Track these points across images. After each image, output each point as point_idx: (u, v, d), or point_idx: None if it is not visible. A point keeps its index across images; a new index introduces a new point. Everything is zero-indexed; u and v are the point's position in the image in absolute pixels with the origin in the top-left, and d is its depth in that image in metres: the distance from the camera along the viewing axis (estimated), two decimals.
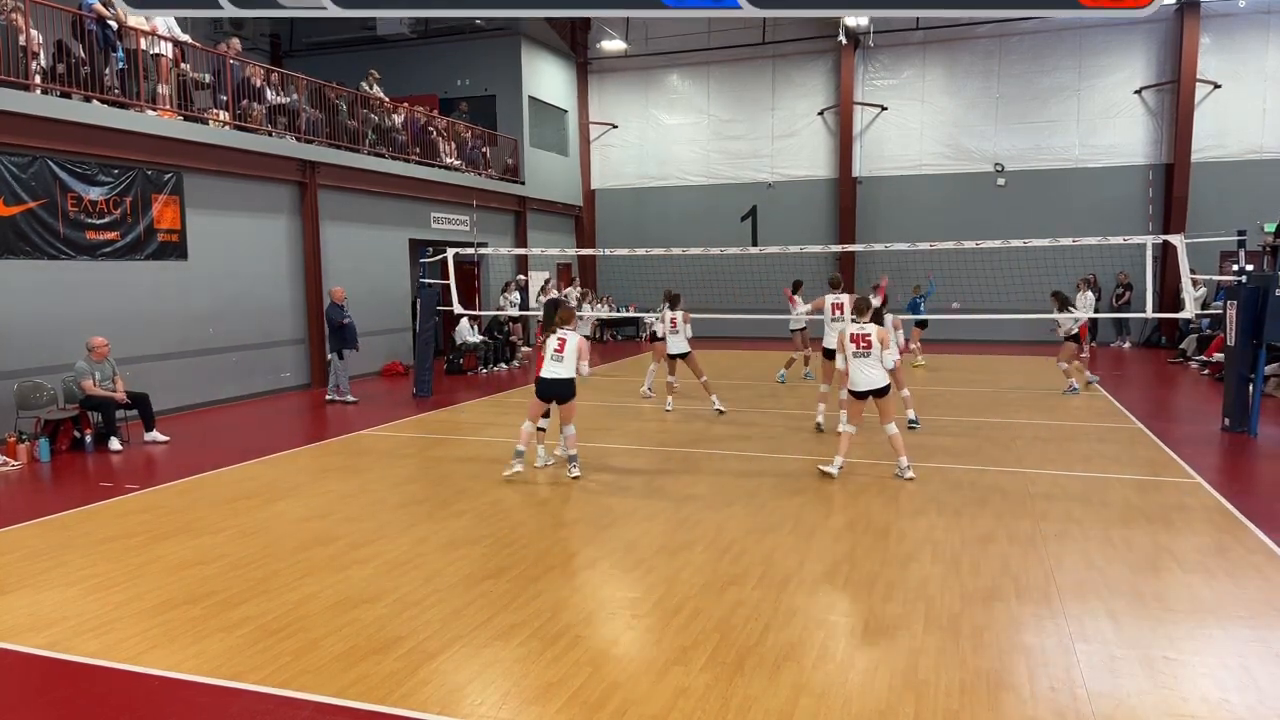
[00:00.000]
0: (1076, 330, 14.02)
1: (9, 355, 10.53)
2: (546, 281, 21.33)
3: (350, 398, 13.85)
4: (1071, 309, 14.23)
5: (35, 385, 10.49)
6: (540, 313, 19.82)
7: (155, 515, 7.55)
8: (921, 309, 16.98)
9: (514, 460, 8.55)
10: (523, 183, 22.80)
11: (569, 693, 4.24)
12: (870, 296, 9.83)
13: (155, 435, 10.75)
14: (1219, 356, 14.61)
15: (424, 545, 6.63)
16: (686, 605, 5.33)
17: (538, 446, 9.10)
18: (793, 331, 15.52)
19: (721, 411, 12.14)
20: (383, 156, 17.40)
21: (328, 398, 13.97)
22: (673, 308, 12.61)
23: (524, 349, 19.55)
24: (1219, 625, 4.96)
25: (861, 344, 8.52)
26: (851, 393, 8.69)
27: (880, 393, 8.47)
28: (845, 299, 10.60)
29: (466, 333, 17.99)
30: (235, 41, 14.69)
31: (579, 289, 23.34)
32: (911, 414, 11.07)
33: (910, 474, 8.39)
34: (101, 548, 6.63)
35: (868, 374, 8.46)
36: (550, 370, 8.38)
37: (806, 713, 4.03)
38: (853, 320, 8.73)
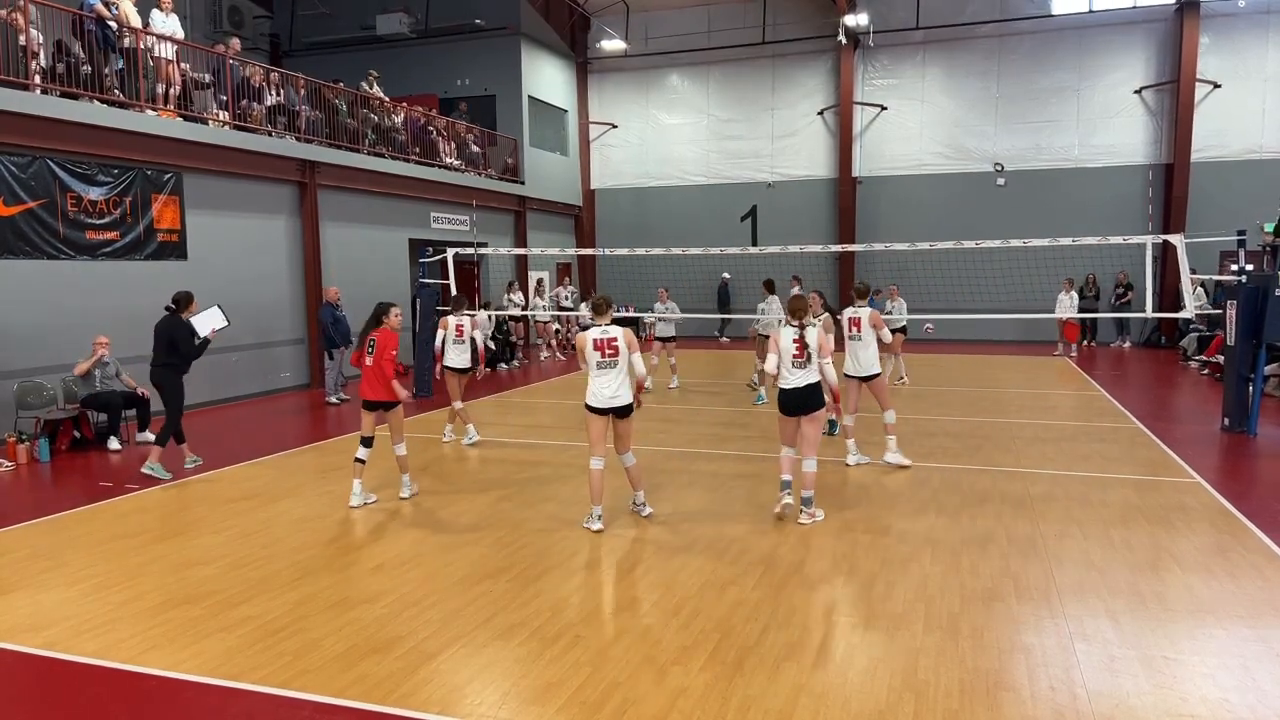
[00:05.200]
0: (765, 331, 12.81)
1: (9, 355, 10.52)
2: (540, 282, 21.35)
3: (331, 398, 13.86)
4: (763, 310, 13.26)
5: (35, 385, 10.50)
6: (538, 313, 20.01)
7: (155, 515, 7.55)
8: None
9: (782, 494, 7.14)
10: (522, 182, 22.79)
11: (569, 693, 4.24)
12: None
13: (148, 436, 10.76)
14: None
15: (423, 545, 6.63)
16: (686, 605, 5.34)
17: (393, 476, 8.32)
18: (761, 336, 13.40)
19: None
20: (383, 156, 17.40)
21: (326, 399, 14.02)
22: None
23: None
24: (1219, 625, 4.96)
25: (608, 351, 6.81)
26: (587, 408, 6.93)
27: (622, 412, 6.90)
28: (865, 314, 9.03)
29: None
30: (235, 41, 14.70)
31: (571, 288, 23.34)
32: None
33: (648, 511, 7.17)
34: (101, 548, 6.63)
35: (610, 388, 6.81)
36: None
37: (806, 713, 4.03)
38: (594, 323, 7.01)
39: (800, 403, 6.97)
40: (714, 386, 15.25)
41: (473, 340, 10.69)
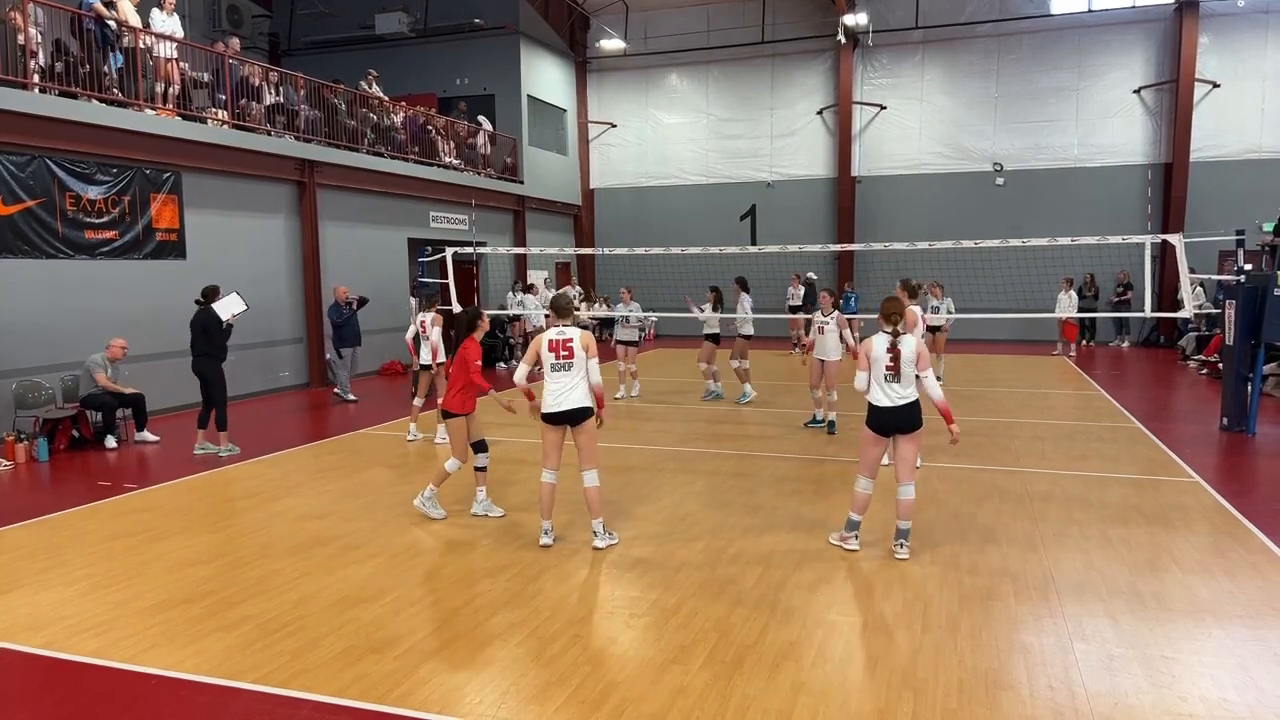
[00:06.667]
0: (717, 330, 13.06)
1: (8, 354, 10.52)
2: (545, 281, 21.35)
3: (349, 396, 13.90)
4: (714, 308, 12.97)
5: (34, 385, 10.50)
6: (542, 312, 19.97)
7: (154, 515, 7.55)
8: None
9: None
10: (522, 182, 22.79)
11: (568, 692, 4.24)
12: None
13: (146, 435, 10.76)
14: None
15: (422, 544, 6.63)
16: (685, 604, 5.34)
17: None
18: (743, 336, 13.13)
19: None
20: (381, 156, 17.39)
21: (335, 392, 14.06)
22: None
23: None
24: (1217, 625, 4.97)
25: (562, 352, 6.32)
26: (545, 418, 6.44)
27: (577, 418, 6.35)
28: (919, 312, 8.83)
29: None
30: (235, 41, 14.68)
31: (576, 288, 23.36)
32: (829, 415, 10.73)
33: (603, 542, 6.47)
34: (100, 547, 6.62)
35: (567, 392, 6.31)
36: None
37: (805, 712, 4.03)
38: (555, 326, 6.50)
39: (899, 421, 6.08)
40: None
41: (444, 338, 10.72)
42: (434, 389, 10.56)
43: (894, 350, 6.03)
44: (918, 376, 6.13)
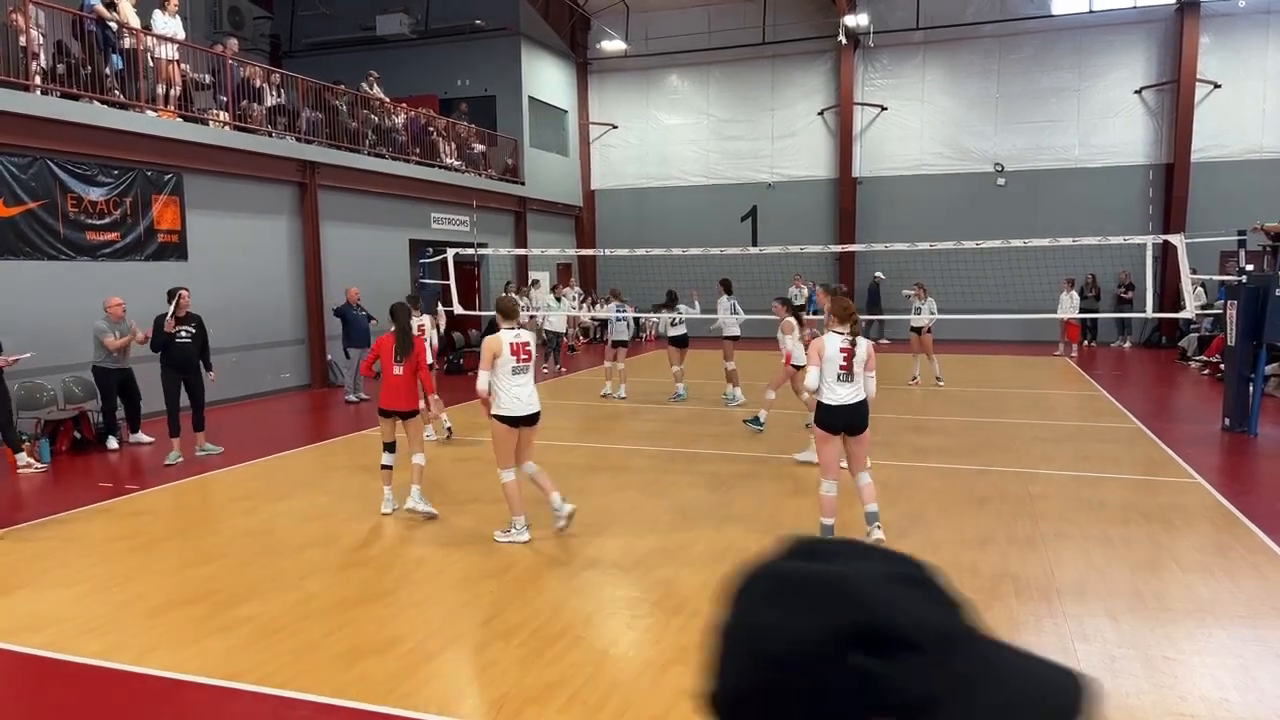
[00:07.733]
0: (681, 332, 13.27)
1: (9, 356, 10.51)
2: (534, 282, 21.37)
3: (350, 397, 13.93)
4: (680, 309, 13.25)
5: (36, 386, 10.50)
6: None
7: (155, 516, 7.56)
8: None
9: None
10: (522, 183, 22.80)
11: (569, 693, 4.24)
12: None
13: (140, 436, 10.76)
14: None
15: (424, 545, 6.64)
16: (686, 605, 5.33)
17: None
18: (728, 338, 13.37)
19: None
20: (383, 157, 17.40)
21: (347, 398, 14.01)
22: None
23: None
24: (1218, 625, 4.96)
25: (523, 355, 6.59)
26: (500, 419, 6.53)
27: (535, 419, 6.66)
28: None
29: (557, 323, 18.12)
30: (234, 42, 14.70)
31: (576, 289, 23.36)
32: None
33: (569, 506, 6.71)
34: (102, 548, 6.63)
35: (527, 393, 6.60)
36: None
37: None
38: (508, 328, 6.63)
39: (849, 420, 6.20)
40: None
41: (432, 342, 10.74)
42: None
43: (848, 351, 6.14)
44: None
